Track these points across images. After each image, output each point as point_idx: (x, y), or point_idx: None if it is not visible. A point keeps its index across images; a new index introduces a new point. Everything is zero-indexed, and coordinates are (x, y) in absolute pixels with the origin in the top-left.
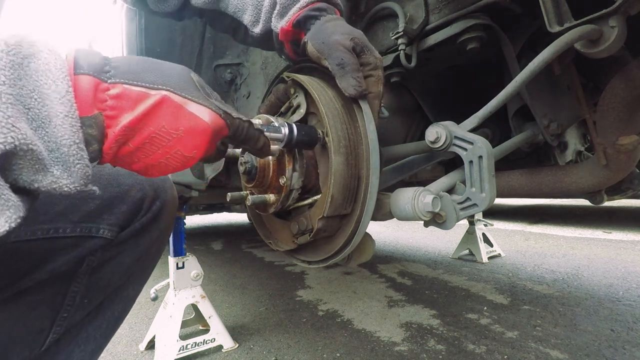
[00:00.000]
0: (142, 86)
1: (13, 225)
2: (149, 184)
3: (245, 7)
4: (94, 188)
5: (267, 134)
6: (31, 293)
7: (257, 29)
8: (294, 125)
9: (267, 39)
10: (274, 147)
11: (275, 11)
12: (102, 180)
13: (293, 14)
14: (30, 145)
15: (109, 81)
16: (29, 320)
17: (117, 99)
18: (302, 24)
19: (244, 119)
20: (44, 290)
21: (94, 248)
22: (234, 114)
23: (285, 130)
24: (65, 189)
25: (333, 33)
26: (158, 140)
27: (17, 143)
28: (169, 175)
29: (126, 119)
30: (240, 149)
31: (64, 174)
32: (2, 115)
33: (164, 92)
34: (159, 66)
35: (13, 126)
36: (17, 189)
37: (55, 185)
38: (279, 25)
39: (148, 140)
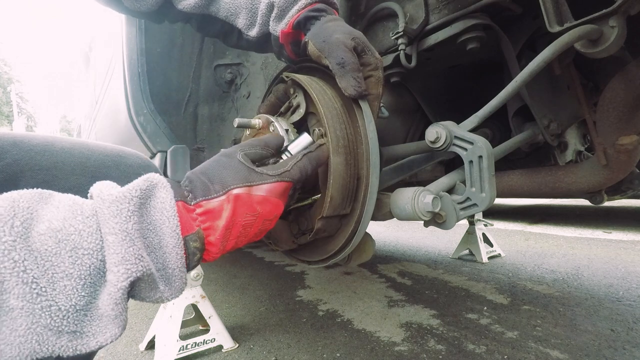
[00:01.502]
0: (216, 198)
1: (113, 340)
2: (136, 177)
3: (238, 10)
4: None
5: (297, 148)
6: None
7: (253, 32)
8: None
9: (263, 42)
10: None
11: (273, 14)
12: (87, 173)
13: (292, 15)
14: (151, 271)
15: (192, 203)
16: None
17: (205, 214)
18: (302, 25)
19: (297, 160)
20: None
21: None
22: (289, 166)
23: (306, 136)
24: (165, 300)
25: (334, 32)
26: (247, 224)
27: (145, 270)
28: (169, 173)
29: (220, 224)
30: None
31: (166, 288)
32: (135, 248)
33: (233, 193)
34: (217, 172)
35: (142, 257)
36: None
37: (159, 298)
38: (279, 28)
39: (241, 229)
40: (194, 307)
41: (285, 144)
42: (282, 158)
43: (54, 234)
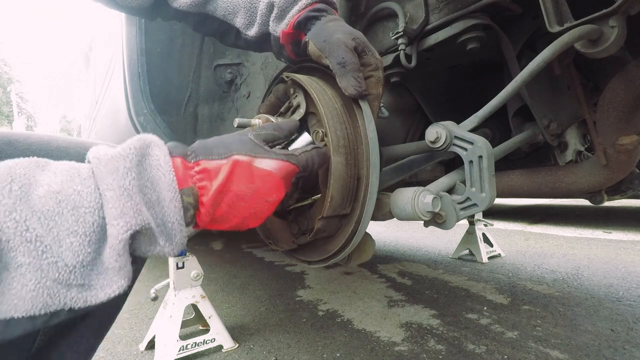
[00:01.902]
0: (215, 158)
1: (121, 291)
2: None
3: (236, 10)
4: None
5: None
6: None
7: (251, 32)
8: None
9: (262, 42)
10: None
11: (273, 14)
12: None
13: (292, 16)
14: (150, 225)
15: (192, 161)
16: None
17: (201, 172)
18: (302, 25)
19: (305, 150)
20: None
21: None
22: (297, 152)
23: (307, 135)
24: (167, 255)
25: (335, 32)
26: (242, 195)
27: (143, 224)
28: None
29: (214, 185)
30: None
31: (167, 243)
32: (133, 203)
33: (233, 157)
34: (224, 140)
35: (140, 211)
36: (132, 258)
37: (160, 252)
38: (279, 28)
39: (235, 198)
40: (194, 307)
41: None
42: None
43: (53, 196)
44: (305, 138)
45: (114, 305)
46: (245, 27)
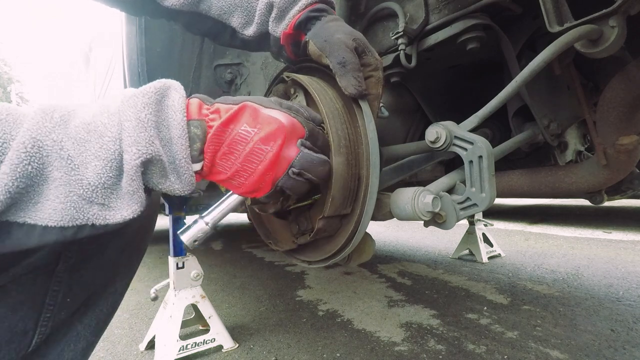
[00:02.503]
0: (229, 103)
1: (135, 215)
2: None
3: (232, 9)
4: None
5: None
6: (10, 294)
7: (249, 32)
8: None
9: (259, 42)
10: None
11: (273, 15)
12: None
13: (292, 16)
14: (161, 157)
15: (208, 103)
16: (12, 322)
17: (213, 112)
18: (302, 25)
19: (309, 120)
20: (24, 291)
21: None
22: (307, 120)
23: None
24: (177, 192)
25: (336, 32)
26: (242, 139)
27: (154, 154)
28: None
29: (218, 122)
30: None
31: (177, 180)
32: (147, 134)
33: (244, 102)
34: (244, 96)
35: (153, 142)
36: (145, 189)
37: (171, 188)
38: (279, 29)
39: (235, 140)
40: (194, 307)
41: None
42: None
43: (85, 126)
44: None
45: (111, 303)
46: (242, 27)
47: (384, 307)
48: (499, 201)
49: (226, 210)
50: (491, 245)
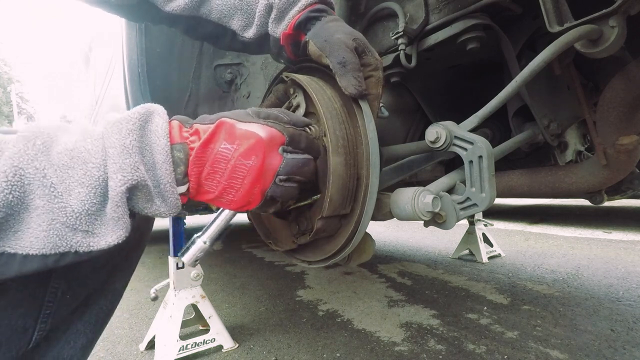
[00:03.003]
0: (207, 123)
1: (120, 241)
2: None
3: (232, 12)
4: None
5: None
6: (10, 292)
7: (249, 34)
8: None
9: (260, 43)
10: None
11: (272, 16)
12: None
13: (292, 17)
14: (147, 182)
15: (187, 125)
16: (12, 320)
17: (193, 134)
18: (302, 26)
19: (298, 128)
20: (23, 289)
21: None
22: (287, 125)
23: None
24: (163, 215)
25: (336, 32)
26: (223, 157)
27: (140, 180)
28: None
29: (198, 143)
30: None
31: (162, 204)
32: (132, 160)
33: (220, 120)
34: (222, 112)
35: (138, 168)
36: (130, 213)
37: (157, 211)
38: (279, 30)
39: (217, 159)
40: (194, 307)
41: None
42: None
43: (68, 152)
44: None
45: (111, 300)
46: (242, 29)
47: (384, 307)
48: (499, 201)
49: (222, 227)
50: (491, 245)
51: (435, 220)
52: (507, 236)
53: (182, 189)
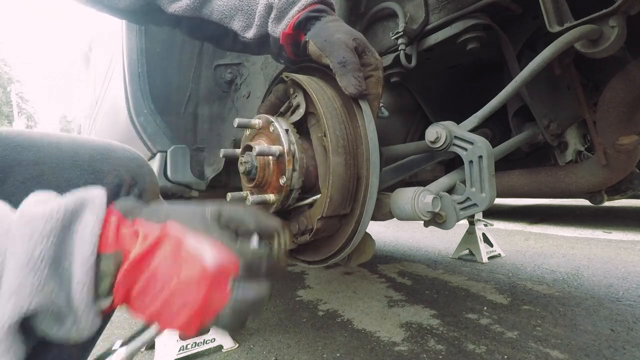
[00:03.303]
0: (153, 221)
1: None
2: (125, 169)
3: (233, 13)
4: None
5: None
6: None
7: (249, 34)
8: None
9: (260, 44)
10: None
11: (272, 16)
12: (77, 167)
13: (292, 16)
14: (55, 302)
15: (129, 219)
16: None
17: (132, 235)
18: (302, 25)
19: (263, 250)
20: None
21: None
22: (246, 246)
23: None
24: (73, 340)
25: (336, 32)
26: (161, 277)
27: (42, 304)
28: (169, 173)
29: (133, 254)
30: (240, 149)
31: (73, 326)
32: (36, 278)
33: (166, 230)
34: (177, 206)
35: (43, 287)
36: (28, 337)
37: (66, 335)
38: (278, 29)
39: (153, 277)
40: None
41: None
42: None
43: None
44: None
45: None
46: (243, 30)
47: (384, 307)
48: (499, 201)
49: (145, 343)
50: (491, 245)
51: (435, 220)
52: (507, 236)
53: (104, 303)
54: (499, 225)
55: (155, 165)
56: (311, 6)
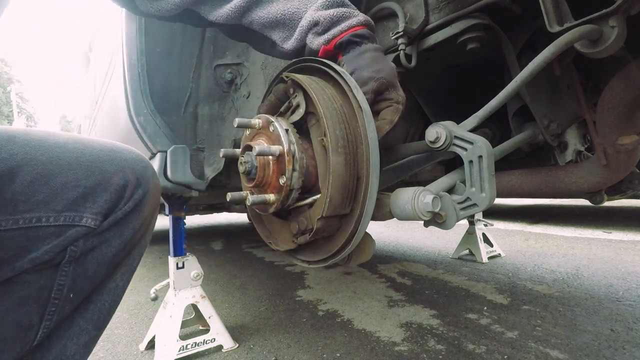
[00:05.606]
0: None
1: None
2: (130, 171)
3: (275, 25)
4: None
5: None
6: (17, 289)
7: (288, 45)
8: None
9: (297, 54)
10: None
11: (315, 29)
12: (83, 168)
13: (335, 35)
14: None
15: None
16: (18, 317)
17: None
18: (342, 46)
19: None
20: (30, 285)
21: (76, 237)
22: None
23: None
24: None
25: (366, 67)
26: None
27: None
28: (169, 173)
29: None
30: (240, 149)
31: None
32: None
33: None
34: None
35: None
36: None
37: None
38: (318, 42)
39: None
40: (194, 307)
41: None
42: None
43: None
44: None
45: (113, 298)
46: (282, 41)
47: (384, 307)
48: (499, 201)
49: None
50: (491, 245)
51: (435, 220)
52: (507, 236)
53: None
54: (499, 225)
55: (155, 165)
56: (356, 28)
